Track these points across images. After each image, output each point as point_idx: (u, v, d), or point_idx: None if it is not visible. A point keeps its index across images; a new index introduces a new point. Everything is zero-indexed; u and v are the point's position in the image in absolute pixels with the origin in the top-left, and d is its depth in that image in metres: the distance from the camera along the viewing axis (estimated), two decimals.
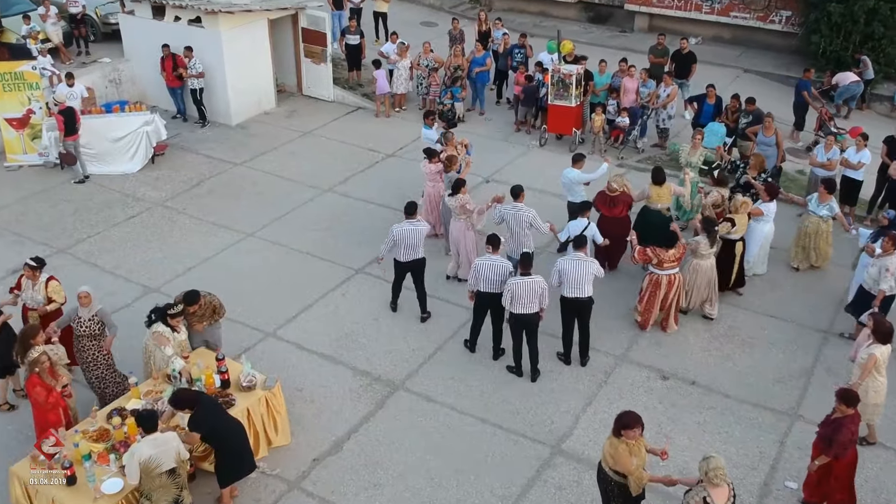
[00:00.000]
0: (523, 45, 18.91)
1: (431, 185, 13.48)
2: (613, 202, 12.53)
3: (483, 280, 10.61)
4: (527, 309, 10.31)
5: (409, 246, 11.40)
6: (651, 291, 11.24)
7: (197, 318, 9.83)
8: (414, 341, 11.47)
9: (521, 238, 11.60)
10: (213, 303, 9.98)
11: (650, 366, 11.03)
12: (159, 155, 16.58)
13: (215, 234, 14.06)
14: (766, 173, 13.48)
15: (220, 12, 17.02)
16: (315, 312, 12.07)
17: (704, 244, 11.34)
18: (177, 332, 9.52)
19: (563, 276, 10.43)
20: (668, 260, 11.01)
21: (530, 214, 11.54)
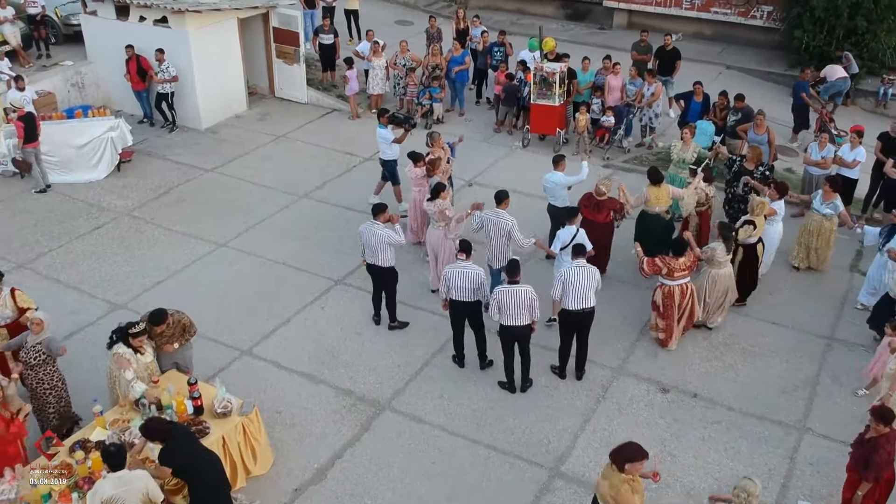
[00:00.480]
0: (503, 43, 18.35)
1: (417, 189, 12.85)
2: (598, 206, 11.98)
3: (454, 288, 10.04)
4: (516, 321, 9.73)
5: (369, 246, 10.83)
6: (668, 305, 10.62)
7: (165, 338, 9.13)
8: (399, 357, 10.84)
9: (500, 247, 11.02)
10: (182, 321, 9.26)
11: (649, 378, 10.48)
12: (125, 162, 15.79)
13: (185, 245, 13.32)
14: (763, 166, 13.01)
15: (187, 11, 16.27)
16: (293, 327, 11.40)
17: (721, 251, 10.73)
18: (140, 353, 8.81)
19: (566, 286, 9.81)
20: (678, 269, 10.40)
21: (509, 223, 10.90)
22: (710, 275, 10.88)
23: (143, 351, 8.85)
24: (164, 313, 8.98)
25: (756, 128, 14.28)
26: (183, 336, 9.30)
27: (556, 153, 16.08)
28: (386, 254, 10.79)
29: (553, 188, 12.46)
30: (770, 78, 21.14)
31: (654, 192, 12.17)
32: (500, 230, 10.90)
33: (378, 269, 10.93)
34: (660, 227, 12.33)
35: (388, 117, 14.01)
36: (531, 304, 9.69)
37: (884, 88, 19.83)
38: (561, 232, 10.92)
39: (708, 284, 10.89)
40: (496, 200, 11.09)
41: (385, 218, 10.80)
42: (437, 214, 11.39)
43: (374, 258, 10.87)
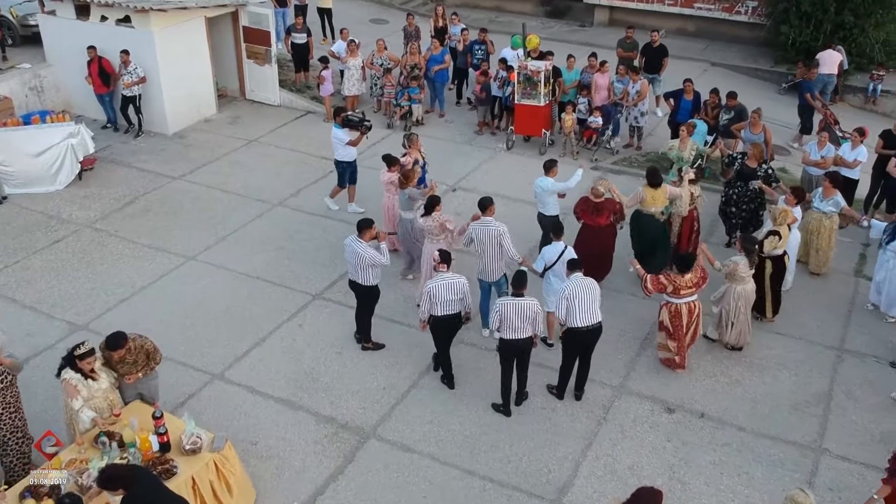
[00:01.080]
0: (484, 40, 17.63)
1: (388, 195, 12.12)
2: (598, 209, 11.30)
3: (441, 303, 9.35)
4: (518, 334, 9.05)
5: (350, 263, 10.07)
6: (676, 325, 9.87)
7: (127, 366, 8.28)
8: (384, 378, 10.07)
9: (493, 257, 10.26)
10: (145, 347, 8.39)
11: (652, 396, 9.80)
12: (87, 170, 14.87)
13: (152, 259, 12.46)
14: (766, 164, 12.41)
15: (151, 10, 15.38)
16: (269, 348, 10.59)
17: (744, 266, 9.99)
18: (93, 378, 7.98)
19: (572, 304, 9.09)
20: (684, 286, 9.66)
21: (500, 229, 10.17)
22: (733, 292, 10.14)
23: (96, 376, 8.01)
24: (123, 337, 8.12)
25: (752, 126, 13.69)
26: (147, 365, 8.46)
27: (542, 154, 15.67)
28: (368, 272, 10.04)
29: (541, 195, 11.74)
30: (757, 75, 20.64)
31: (651, 193, 11.56)
32: (492, 237, 10.16)
33: (358, 286, 10.17)
34: (654, 229, 11.73)
35: (342, 118, 13.25)
36: (535, 318, 9.05)
37: (873, 84, 19.37)
38: (546, 250, 10.15)
39: (732, 301, 10.15)
40: (481, 208, 10.36)
41: (371, 235, 10.02)
42: (436, 228, 10.65)
43: (355, 275, 10.12)
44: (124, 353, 8.16)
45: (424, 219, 10.75)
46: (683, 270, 9.64)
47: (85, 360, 7.87)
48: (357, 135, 13.25)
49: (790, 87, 19.68)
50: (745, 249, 10.03)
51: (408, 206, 11.36)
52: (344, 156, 13.34)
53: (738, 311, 10.12)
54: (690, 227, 12.11)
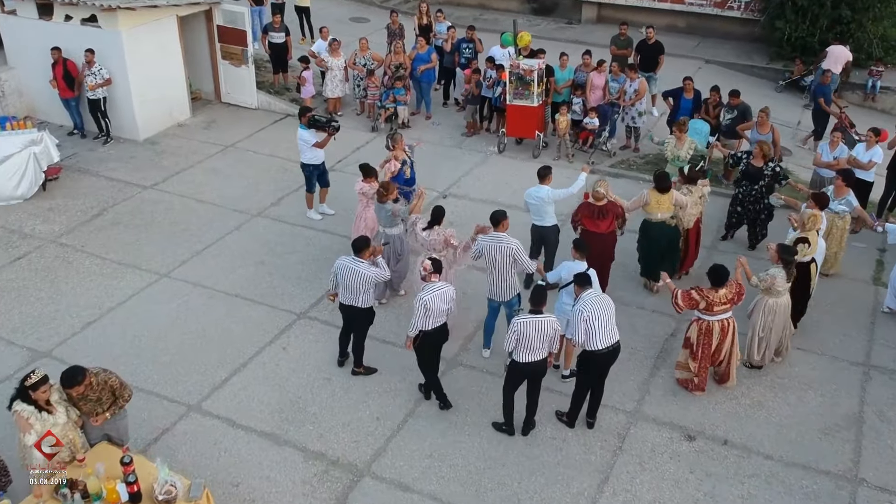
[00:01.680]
0: (471, 39, 16.81)
1: (363, 207, 11.25)
2: (601, 213, 10.52)
3: (433, 315, 8.60)
4: (535, 355, 8.28)
5: (346, 287, 9.18)
6: (704, 343, 9.11)
7: (90, 404, 7.38)
8: (377, 406, 9.22)
9: (505, 275, 9.41)
10: (109, 383, 7.46)
11: (670, 422, 9.01)
12: (52, 180, 13.88)
13: (122, 277, 11.52)
14: (773, 162, 11.73)
15: (119, 9, 14.41)
16: (250, 374, 9.70)
17: (781, 278, 9.22)
18: (48, 411, 7.11)
19: (591, 325, 8.29)
20: (718, 302, 8.87)
21: (514, 246, 9.32)
22: (766, 305, 9.38)
23: (52, 409, 7.13)
24: (80, 373, 7.20)
25: (759, 126, 12.96)
26: (115, 404, 7.55)
27: (536, 157, 14.90)
28: (368, 294, 9.20)
29: (539, 205, 10.87)
30: (752, 72, 19.97)
31: (657, 197, 10.80)
32: (504, 255, 9.30)
33: (354, 310, 9.31)
34: (666, 238, 10.99)
35: (308, 118, 12.41)
36: (553, 336, 8.29)
37: (872, 80, 18.76)
38: (564, 266, 9.29)
39: (765, 316, 9.38)
40: (493, 222, 9.48)
41: (370, 253, 9.18)
42: (440, 244, 9.83)
43: (351, 299, 9.23)
44: (84, 390, 7.26)
45: (427, 232, 9.91)
46: (718, 285, 8.84)
47: (38, 391, 7.03)
48: (324, 136, 12.42)
49: (787, 84, 19.10)
50: (782, 260, 9.25)
51: (390, 221, 10.45)
52: (311, 158, 12.55)
53: (769, 326, 9.38)
54: (697, 232, 11.44)
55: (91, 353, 9.89)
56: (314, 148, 12.41)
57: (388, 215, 10.35)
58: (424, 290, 8.69)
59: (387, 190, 10.28)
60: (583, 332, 8.27)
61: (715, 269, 8.88)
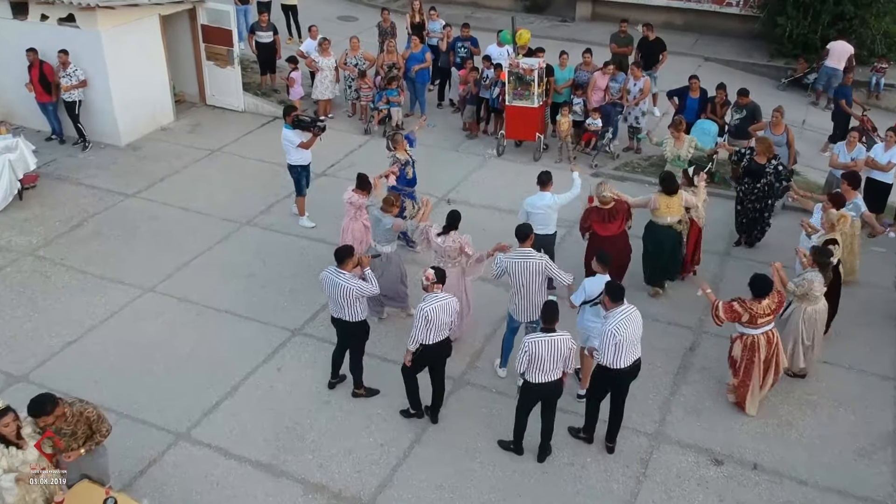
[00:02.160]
0: (467, 37, 16.19)
1: (349, 217, 10.51)
2: (611, 216, 10.02)
3: (435, 328, 8.05)
4: (548, 376, 7.70)
5: (332, 299, 8.58)
6: (749, 359, 8.49)
7: (64, 438, 6.71)
8: (381, 432, 8.58)
9: (535, 294, 8.73)
10: (85, 415, 6.79)
11: (695, 445, 8.43)
12: (28, 189, 13.14)
13: (104, 292, 10.82)
14: (776, 160, 11.24)
15: (97, 7, 13.69)
16: (243, 398, 9.04)
17: (819, 283, 8.70)
18: (18, 446, 6.47)
19: (619, 346, 7.69)
20: (762, 314, 8.27)
21: (544, 262, 8.67)
22: (804, 313, 8.84)
23: (22, 444, 6.49)
24: (49, 401, 6.56)
25: (773, 126, 12.41)
26: (91, 438, 6.87)
27: (537, 160, 14.31)
28: (355, 307, 8.54)
29: (545, 214, 10.23)
30: (753, 70, 19.47)
31: (666, 201, 10.29)
32: (534, 272, 8.64)
33: (344, 324, 8.67)
34: (671, 242, 10.49)
35: (293, 118, 11.83)
36: (569, 356, 7.71)
37: (875, 77, 18.29)
38: (588, 282, 8.66)
39: (805, 324, 8.85)
40: (521, 237, 8.83)
41: (353, 264, 8.51)
42: (455, 251, 9.21)
43: (339, 312, 8.61)
44: (54, 421, 6.60)
45: (442, 238, 9.27)
46: (761, 295, 8.25)
47: (2, 422, 6.35)
48: (309, 136, 11.82)
49: (790, 82, 18.62)
50: (819, 264, 8.72)
51: (385, 237, 9.70)
52: (298, 159, 11.98)
53: (808, 333, 8.87)
54: (698, 235, 10.91)
55: (71, 377, 9.22)
56: (300, 148, 11.81)
57: (385, 230, 9.62)
58: (426, 300, 8.11)
59: (392, 201, 9.59)
60: (612, 354, 7.67)
61: (758, 279, 8.29)
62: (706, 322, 10.18)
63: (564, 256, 10.88)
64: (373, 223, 9.76)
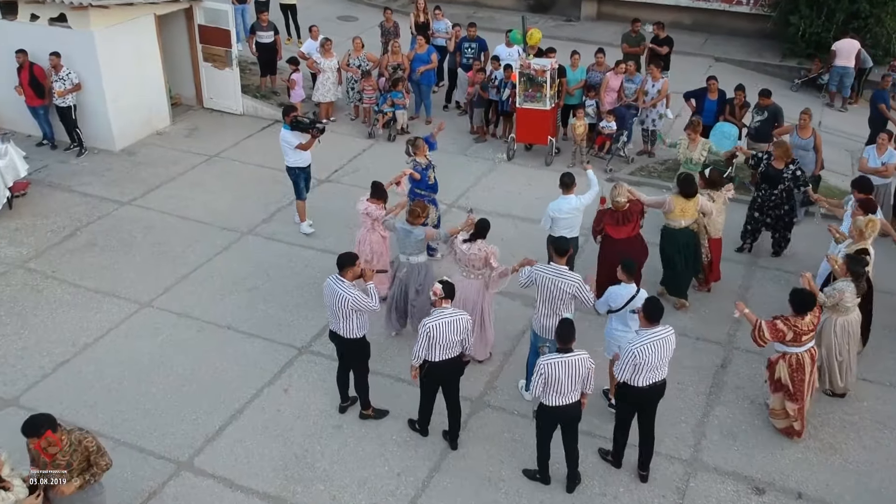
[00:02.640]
0: (474, 37, 15.62)
1: (365, 229, 9.92)
2: (625, 218, 9.60)
3: (441, 346, 7.54)
4: (566, 398, 7.17)
5: (331, 310, 8.01)
6: (798, 380, 7.93)
7: (57, 467, 6.16)
8: (397, 459, 8.01)
9: (560, 311, 8.17)
10: (84, 444, 6.28)
11: (734, 472, 7.89)
12: (18, 196, 12.54)
13: (98, 307, 10.24)
14: (794, 165, 10.75)
15: (90, 7, 13.10)
16: (248, 423, 8.47)
17: (850, 292, 8.20)
18: (4, 488, 5.97)
19: (639, 368, 7.18)
20: (806, 331, 7.74)
21: (575, 283, 8.08)
22: (836, 324, 8.34)
23: (6, 485, 5.99)
24: (43, 422, 6.06)
25: (800, 130, 11.88)
26: (88, 470, 6.32)
27: (548, 165, 13.78)
28: (351, 321, 7.92)
29: (572, 218, 9.81)
30: (765, 70, 18.97)
31: (682, 204, 9.83)
32: (561, 292, 8.08)
33: (341, 340, 8.07)
34: (690, 242, 10.05)
35: (291, 118, 11.37)
36: (587, 377, 7.19)
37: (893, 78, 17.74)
38: (613, 292, 8.12)
39: (838, 336, 8.35)
40: (558, 252, 8.26)
41: (354, 274, 7.91)
42: (480, 261, 8.66)
43: (336, 324, 8.02)
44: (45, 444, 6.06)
45: (468, 245, 8.70)
46: (803, 312, 7.72)
47: None
48: (308, 138, 11.33)
49: (804, 83, 18.12)
50: (852, 273, 8.22)
51: (416, 248, 9.11)
52: (296, 161, 11.50)
53: (841, 346, 8.37)
54: (719, 244, 10.45)
55: (64, 400, 8.65)
56: (298, 150, 11.33)
57: (417, 242, 9.03)
58: (431, 315, 7.59)
59: (419, 212, 8.97)
60: (629, 373, 7.21)
61: (799, 294, 7.76)
62: (736, 337, 9.68)
63: (585, 266, 10.32)
64: (402, 236, 9.13)
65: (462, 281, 8.76)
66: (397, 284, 9.32)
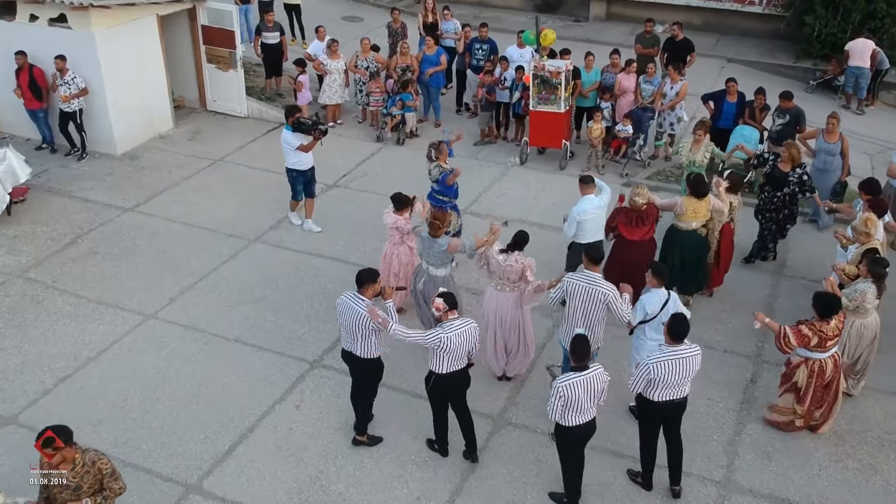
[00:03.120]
0: (485, 38, 15.23)
1: (391, 242, 9.56)
2: (640, 220, 9.37)
3: (452, 358, 7.21)
4: (585, 416, 6.85)
5: (345, 328, 7.62)
6: (816, 386, 7.69)
7: (67, 492, 5.82)
8: (416, 482, 7.63)
9: (594, 321, 7.86)
10: (98, 465, 5.98)
11: (770, 495, 7.52)
12: (18, 202, 12.15)
13: (100, 319, 9.85)
14: (801, 168, 10.47)
15: (91, 7, 12.72)
16: (258, 442, 8.08)
17: (871, 294, 7.98)
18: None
19: (654, 384, 6.86)
20: (831, 336, 7.48)
21: (608, 292, 7.74)
22: (855, 327, 8.14)
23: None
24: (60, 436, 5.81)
25: (827, 134, 11.51)
26: (100, 493, 5.98)
27: (562, 169, 13.43)
28: (370, 341, 7.52)
29: (597, 217, 9.64)
30: (779, 71, 18.56)
31: (693, 205, 9.54)
32: (594, 301, 7.77)
33: (354, 358, 7.67)
34: (696, 247, 9.75)
35: (294, 119, 11.25)
36: (603, 392, 6.90)
37: None
38: (647, 299, 7.80)
39: (855, 339, 8.17)
40: (592, 260, 7.96)
41: (374, 291, 7.49)
42: (515, 274, 8.29)
43: (351, 344, 7.61)
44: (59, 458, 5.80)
45: (504, 257, 8.30)
46: (828, 316, 7.44)
47: None
48: (310, 139, 11.10)
49: (819, 84, 17.75)
50: (873, 274, 8.03)
51: (441, 259, 8.75)
52: (295, 163, 11.31)
53: (858, 348, 8.18)
54: (731, 244, 10.16)
55: (66, 418, 8.07)
56: (298, 151, 11.06)
57: (440, 253, 8.68)
58: (439, 327, 7.24)
59: (441, 221, 8.60)
60: (641, 386, 6.95)
61: (823, 297, 7.54)
62: (765, 350, 9.31)
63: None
64: (425, 245, 8.76)
65: (495, 294, 8.44)
66: (417, 297, 8.99)
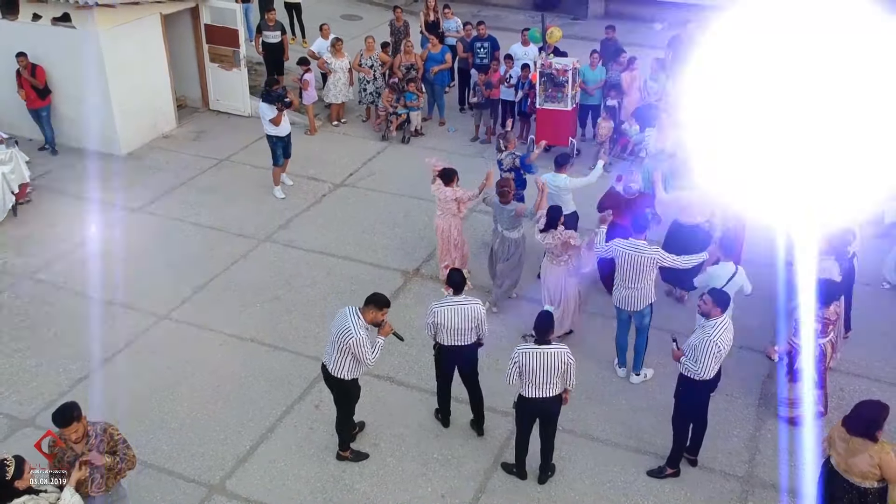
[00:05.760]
0: (485, 37, 15.21)
1: (444, 216, 10.02)
2: (629, 207, 9.35)
3: (450, 331, 7.58)
4: (544, 391, 7.04)
5: (330, 337, 7.46)
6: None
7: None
8: (440, 480, 7.62)
9: (640, 283, 8.27)
10: (109, 431, 6.11)
11: (793, 489, 7.54)
12: (23, 203, 12.08)
13: (113, 320, 9.80)
14: None
15: (95, 6, 12.64)
16: (280, 441, 8.06)
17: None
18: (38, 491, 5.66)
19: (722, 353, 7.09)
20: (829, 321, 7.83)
21: (654, 258, 8.20)
22: None
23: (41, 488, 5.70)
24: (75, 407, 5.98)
25: None
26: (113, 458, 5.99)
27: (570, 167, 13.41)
28: (346, 360, 7.19)
29: (556, 193, 9.94)
30: None
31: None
32: (643, 265, 8.21)
33: (327, 372, 7.39)
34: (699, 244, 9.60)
35: (265, 90, 12.23)
36: (566, 372, 7.05)
37: None
38: (714, 272, 8.31)
39: None
40: (635, 231, 8.37)
41: (374, 318, 7.18)
42: (558, 247, 8.75)
43: (328, 356, 7.34)
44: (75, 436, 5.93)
45: (543, 235, 8.82)
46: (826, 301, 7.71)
47: (24, 478, 5.60)
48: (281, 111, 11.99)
49: None
50: None
51: (513, 223, 9.50)
52: (273, 130, 12.17)
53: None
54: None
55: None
56: (276, 120, 11.94)
57: (510, 217, 9.44)
58: (441, 301, 7.61)
59: (509, 188, 9.51)
60: (712, 370, 7.03)
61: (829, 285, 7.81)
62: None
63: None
64: (496, 211, 9.61)
65: (550, 267, 9.00)
66: (492, 255, 9.85)
